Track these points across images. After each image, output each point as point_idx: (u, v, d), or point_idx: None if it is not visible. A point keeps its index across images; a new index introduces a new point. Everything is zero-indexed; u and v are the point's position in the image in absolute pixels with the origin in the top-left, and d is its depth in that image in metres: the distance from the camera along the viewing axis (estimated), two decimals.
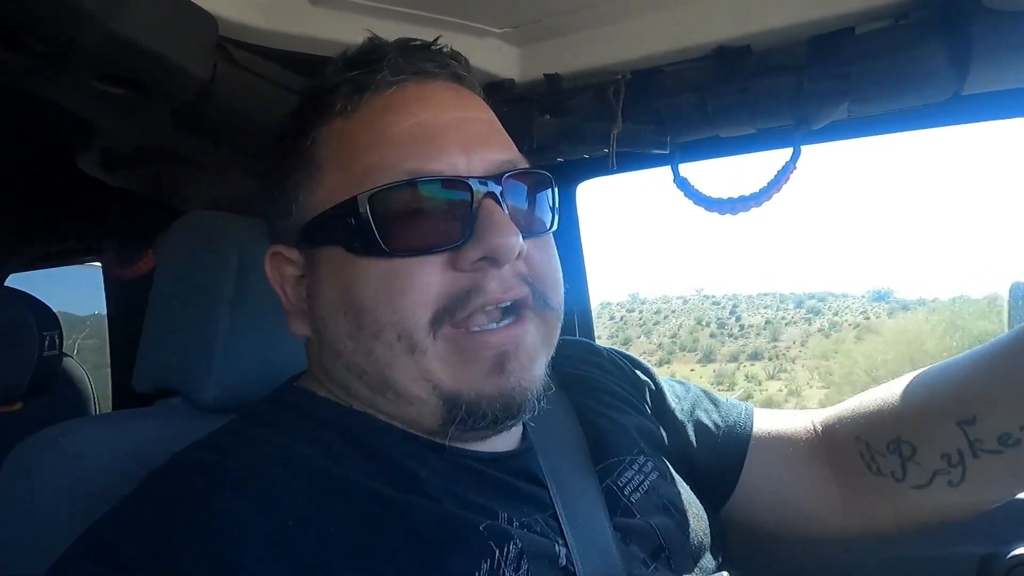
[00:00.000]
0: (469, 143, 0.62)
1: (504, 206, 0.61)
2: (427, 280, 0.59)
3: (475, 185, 0.60)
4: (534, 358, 0.63)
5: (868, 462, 0.79)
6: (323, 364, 0.67)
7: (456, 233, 0.59)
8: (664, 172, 1.15)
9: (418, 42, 0.68)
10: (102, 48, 0.78)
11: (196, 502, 0.54)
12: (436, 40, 0.69)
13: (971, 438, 0.71)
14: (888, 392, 0.80)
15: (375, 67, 0.63)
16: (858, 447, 0.80)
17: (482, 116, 0.66)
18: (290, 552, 0.52)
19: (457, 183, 0.60)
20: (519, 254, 0.61)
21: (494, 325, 0.61)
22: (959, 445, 0.72)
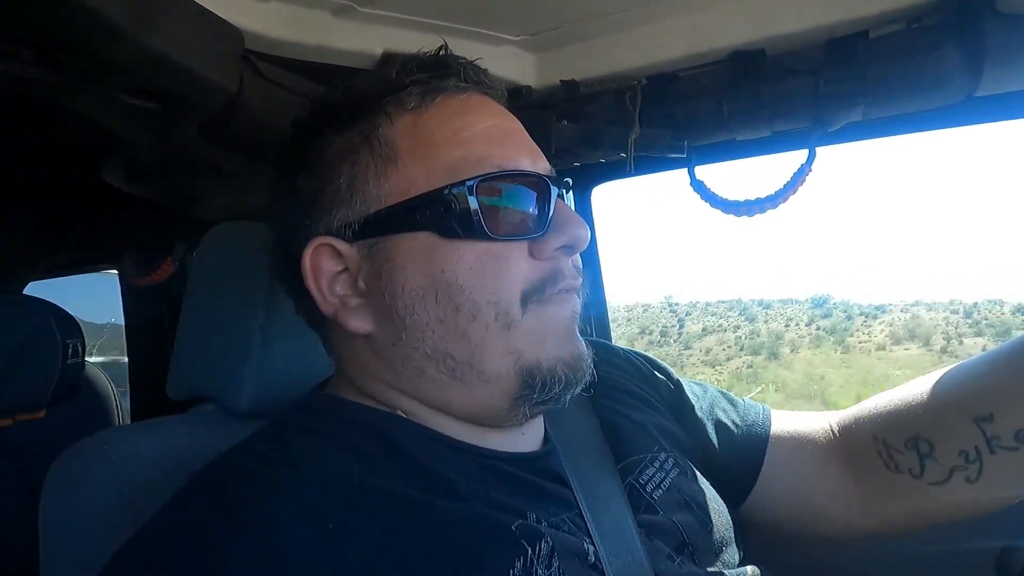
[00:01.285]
0: (531, 149, 0.69)
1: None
2: (519, 262, 0.64)
3: (551, 184, 0.66)
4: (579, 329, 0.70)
5: (886, 459, 0.80)
6: (387, 358, 0.67)
7: (535, 225, 0.65)
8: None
9: (468, 61, 0.72)
10: (134, 64, 0.80)
11: (239, 508, 0.55)
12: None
13: (988, 435, 0.72)
14: (906, 391, 0.81)
15: (447, 72, 0.68)
16: (876, 445, 0.81)
17: (525, 130, 0.72)
18: (334, 556, 0.53)
19: (541, 180, 0.66)
20: None
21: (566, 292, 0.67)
22: (976, 442, 0.73)
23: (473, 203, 0.62)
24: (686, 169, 1.08)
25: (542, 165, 0.69)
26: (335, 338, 0.72)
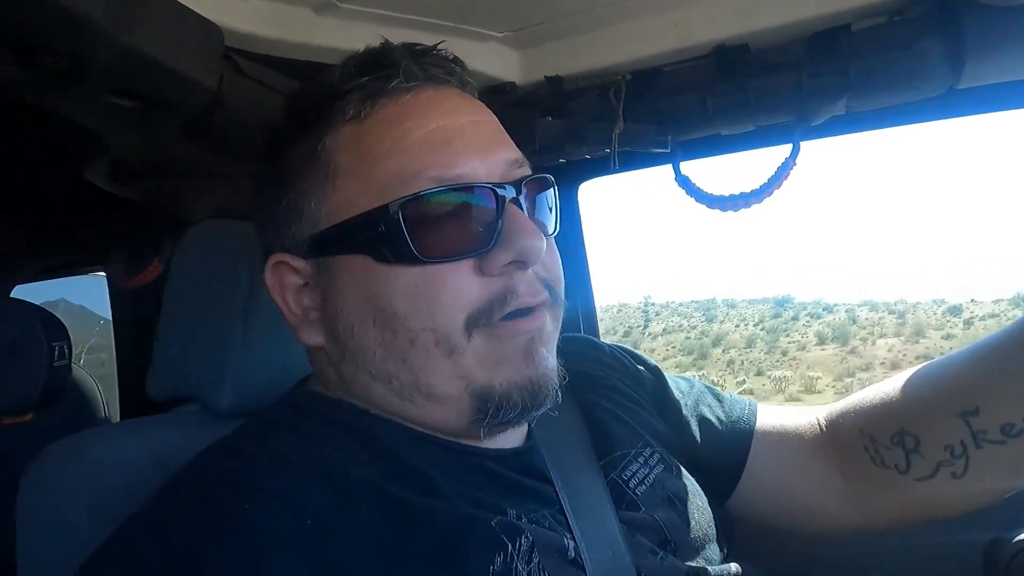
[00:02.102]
0: (484, 147, 0.63)
1: (524, 210, 0.62)
2: (460, 285, 0.60)
3: (499, 191, 0.61)
4: (550, 348, 0.66)
5: (872, 455, 0.80)
6: (340, 372, 0.67)
7: (483, 238, 0.60)
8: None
9: (424, 47, 0.68)
10: (114, 63, 0.79)
11: (218, 506, 0.54)
12: (437, 45, 0.69)
13: (974, 429, 0.72)
14: (892, 385, 0.81)
15: (388, 72, 0.63)
16: (862, 440, 0.81)
17: (489, 119, 0.67)
18: (313, 555, 0.53)
19: (484, 189, 0.61)
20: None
21: (520, 316, 0.62)
22: (962, 436, 0.73)
23: (401, 226, 0.58)
24: (671, 165, 1.07)
25: (503, 159, 0.64)
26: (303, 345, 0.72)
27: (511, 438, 0.71)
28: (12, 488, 0.73)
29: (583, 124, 1.06)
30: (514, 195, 0.62)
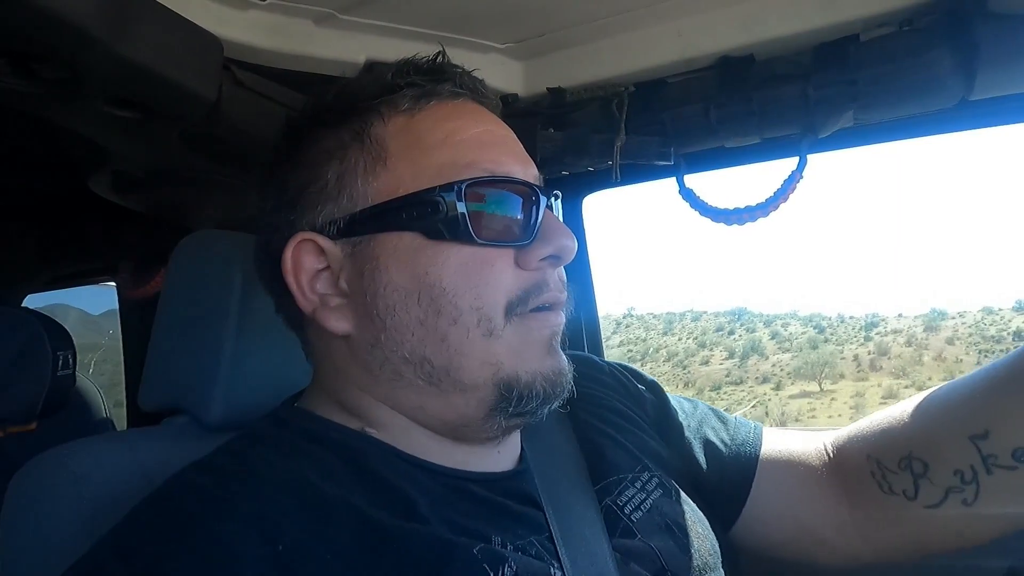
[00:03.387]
0: (522, 157, 0.69)
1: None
2: (503, 270, 0.63)
3: (541, 193, 0.66)
4: (562, 344, 0.68)
5: (879, 480, 0.76)
6: (364, 363, 0.65)
7: (525, 232, 0.64)
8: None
9: (464, 69, 0.72)
10: (110, 73, 0.79)
11: (189, 526, 0.53)
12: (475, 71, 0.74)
13: (984, 453, 0.69)
14: (900, 409, 0.78)
15: (442, 78, 0.68)
16: (869, 466, 0.78)
17: (517, 139, 0.72)
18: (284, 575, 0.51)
19: (530, 188, 0.65)
20: None
21: (547, 310, 0.66)
22: (972, 461, 0.70)
23: (461, 206, 0.62)
24: (675, 177, 1.06)
25: (532, 173, 0.68)
26: (314, 339, 0.70)
27: (503, 460, 0.70)
28: None
29: (585, 136, 1.05)
30: (548, 201, 0.67)
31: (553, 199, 0.69)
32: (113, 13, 0.75)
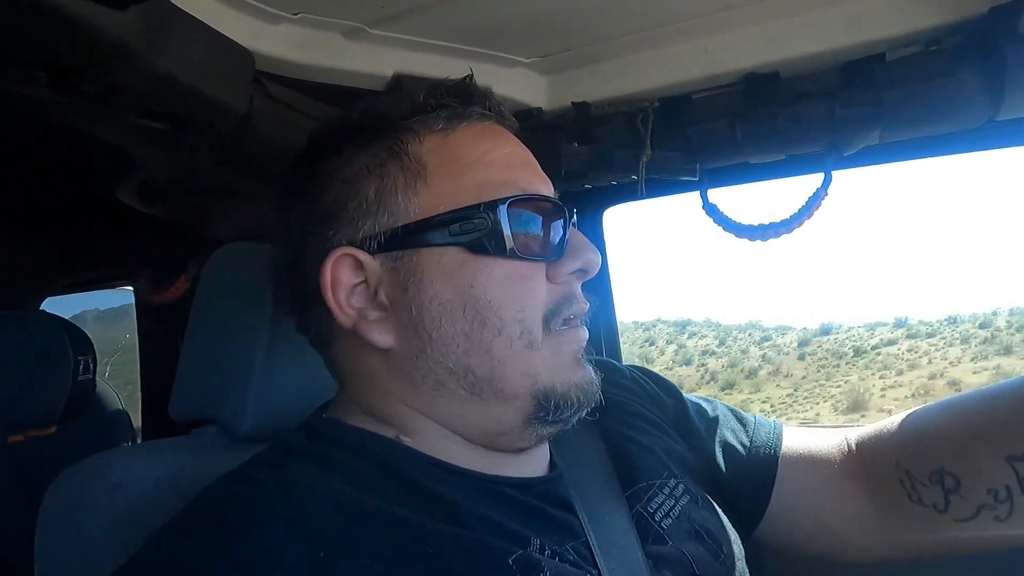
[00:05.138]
0: (544, 176, 0.72)
1: None
2: (540, 283, 0.66)
3: (569, 211, 0.69)
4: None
5: (909, 491, 0.76)
6: (406, 374, 0.66)
7: (556, 248, 0.67)
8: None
9: (491, 92, 0.74)
10: (145, 86, 0.80)
11: (231, 535, 0.54)
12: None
13: (1021, 475, 0.68)
14: (930, 417, 0.78)
15: (473, 100, 0.70)
16: (898, 474, 0.77)
17: (535, 159, 0.75)
18: None
19: (560, 206, 0.69)
20: None
21: (574, 324, 0.69)
22: (1007, 481, 0.69)
23: (504, 222, 0.64)
24: (698, 192, 1.06)
25: (552, 191, 0.71)
26: (346, 354, 0.70)
27: (534, 467, 0.70)
28: (36, 499, 0.73)
29: (610, 151, 1.05)
30: (573, 218, 0.71)
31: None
32: (149, 27, 0.76)
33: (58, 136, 1.14)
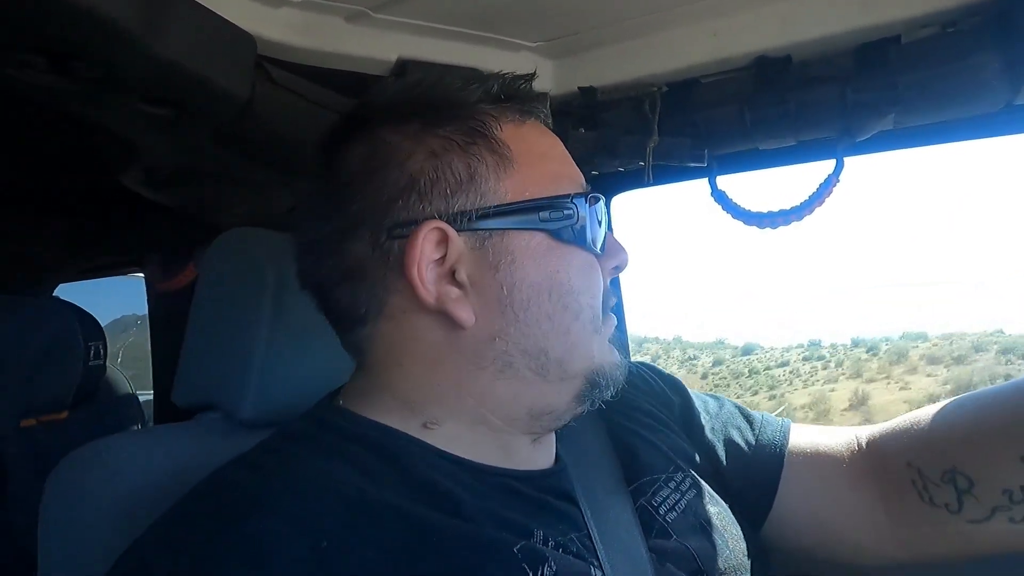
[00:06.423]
0: None
1: None
2: (600, 274, 0.70)
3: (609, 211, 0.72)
4: None
5: (920, 491, 0.75)
6: (473, 352, 0.65)
7: (600, 244, 0.70)
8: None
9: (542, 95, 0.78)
10: (146, 71, 0.80)
11: (233, 521, 0.54)
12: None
13: None
14: (942, 415, 0.76)
15: (534, 98, 0.72)
16: (910, 474, 0.76)
17: None
18: (325, 574, 0.52)
19: (603, 206, 0.71)
20: None
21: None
22: (1022, 482, 0.68)
23: (585, 213, 0.67)
24: (707, 179, 1.04)
25: None
26: (398, 332, 0.66)
27: (539, 459, 0.70)
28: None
29: (617, 136, 1.04)
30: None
31: None
32: (149, 11, 0.75)
33: (65, 123, 1.15)
